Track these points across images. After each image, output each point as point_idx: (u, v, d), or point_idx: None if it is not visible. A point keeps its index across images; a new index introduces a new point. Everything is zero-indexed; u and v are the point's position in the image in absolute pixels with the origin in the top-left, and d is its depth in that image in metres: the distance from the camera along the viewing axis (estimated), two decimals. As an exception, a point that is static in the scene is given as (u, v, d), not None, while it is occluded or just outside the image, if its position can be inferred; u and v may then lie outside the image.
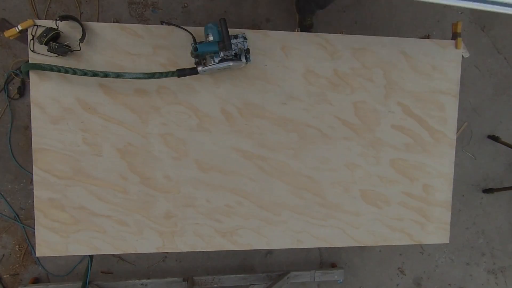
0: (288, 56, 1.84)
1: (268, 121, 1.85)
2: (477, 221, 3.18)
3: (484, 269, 3.23)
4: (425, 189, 2.01)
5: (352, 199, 1.95)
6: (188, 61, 1.73)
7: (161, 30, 1.74)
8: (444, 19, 3.00)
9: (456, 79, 1.98)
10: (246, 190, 1.86)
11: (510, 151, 3.10)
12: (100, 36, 1.70)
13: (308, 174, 1.90)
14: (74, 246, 1.77)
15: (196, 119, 1.80)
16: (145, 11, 2.73)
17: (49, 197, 1.73)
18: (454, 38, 1.97)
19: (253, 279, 2.72)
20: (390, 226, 2.00)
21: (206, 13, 2.78)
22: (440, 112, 1.98)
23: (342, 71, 1.88)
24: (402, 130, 1.96)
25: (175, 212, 1.82)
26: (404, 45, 1.93)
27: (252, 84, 1.82)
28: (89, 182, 1.75)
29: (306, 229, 1.93)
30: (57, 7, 2.63)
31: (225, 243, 1.88)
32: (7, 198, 2.67)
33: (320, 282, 3.04)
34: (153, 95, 1.76)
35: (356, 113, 1.91)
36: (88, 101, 1.71)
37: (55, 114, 1.70)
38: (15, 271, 2.73)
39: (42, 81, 1.67)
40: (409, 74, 1.94)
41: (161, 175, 1.80)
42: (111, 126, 1.74)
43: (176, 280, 2.67)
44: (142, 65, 1.73)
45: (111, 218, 1.78)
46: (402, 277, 3.14)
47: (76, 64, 1.69)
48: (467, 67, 3.03)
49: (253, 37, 1.79)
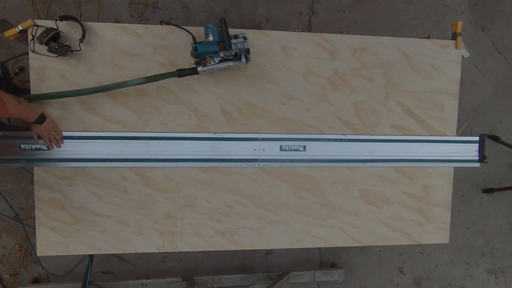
0: (288, 56, 1.84)
1: (268, 121, 1.85)
2: (477, 221, 3.18)
3: (484, 269, 3.23)
4: (425, 189, 2.01)
5: (352, 199, 1.95)
6: (188, 61, 1.73)
7: (161, 30, 1.74)
8: (444, 19, 3.00)
9: (456, 79, 1.98)
10: (246, 190, 1.87)
11: (510, 151, 3.09)
12: (100, 36, 1.71)
13: (308, 174, 1.90)
14: (75, 245, 1.78)
15: (196, 119, 1.80)
16: (145, 11, 2.73)
17: (49, 197, 1.73)
18: (454, 38, 1.97)
19: (253, 279, 2.72)
20: (390, 226, 2.00)
21: (206, 13, 2.78)
22: (440, 112, 1.98)
23: (342, 71, 1.88)
24: (402, 130, 1.96)
25: (175, 212, 1.82)
26: (404, 45, 1.93)
27: (252, 84, 1.82)
28: (89, 182, 1.75)
29: (306, 229, 1.93)
30: (57, 7, 2.63)
31: (225, 243, 1.88)
32: (7, 198, 2.67)
33: (320, 282, 3.04)
34: (153, 95, 1.76)
35: (356, 113, 1.91)
36: (88, 101, 1.72)
37: (55, 114, 1.70)
38: (15, 271, 2.73)
39: (42, 81, 1.67)
40: (409, 74, 1.94)
41: (161, 175, 1.80)
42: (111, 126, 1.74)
43: (176, 280, 2.66)
44: (142, 65, 1.73)
45: (111, 218, 1.78)
46: (402, 277, 3.14)
47: (76, 64, 1.69)
48: (467, 67, 3.03)
49: (253, 37, 1.80)
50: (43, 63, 1.66)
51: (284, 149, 1.86)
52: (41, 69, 1.66)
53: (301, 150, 1.87)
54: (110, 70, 1.71)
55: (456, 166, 2.02)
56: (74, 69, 1.69)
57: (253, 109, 1.83)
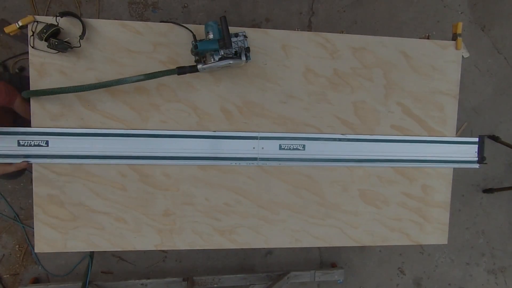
0: (288, 55, 1.84)
1: (267, 120, 1.85)
2: (477, 221, 3.18)
3: (484, 269, 3.23)
4: (424, 189, 2.00)
5: (351, 199, 1.95)
6: (188, 59, 1.74)
7: (161, 27, 1.74)
8: (444, 19, 3.00)
9: (456, 80, 1.98)
10: (245, 188, 1.86)
11: (510, 151, 3.10)
12: (100, 33, 1.71)
13: (307, 173, 1.90)
14: (73, 242, 1.77)
15: (195, 117, 1.80)
16: (145, 11, 2.74)
17: (48, 193, 1.73)
18: (454, 38, 1.97)
19: (253, 279, 2.72)
20: (388, 226, 1.99)
21: (206, 13, 2.79)
22: (440, 112, 1.98)
23: (342, 70, 1.88)
24: (402, 130, 1.95)
25: (173, 210, 1.82)
26: (404, 45, 1.93)
27: (252, 82, 1.82)
28: (88, 179, 1.75)
29: (304, 228, 1.92)
30: (57, 7, 2.64)
31: (224, 241, 1.87)
32: (7, 198, 2.67)
33: (320, 282, 3.03)
34: (153, 93, 1.76)
35: (356, 112, 1.91)
36: (88, 98, 1.72)
37: (54, 111, 1.70)
38: (15, 271, 2.73)
39: (41, 77, 1.67)
40: (409, 74, 1.94)
41: (160, 173, 1.80)
42: (110, 123, 1.74)
43: (176, 280, 2.66)
44: (142, 62, 1.73)
45: (109, 215, 1.78)
46: (402, 277, 3.14)
47: (76, 61, 1.69)
48: (467, 67, 3.03)
49: (253, 35, 1.80)
50: (43, 59, 1.66)
51: (283, 148, 1.86)
52: (41, 66, 1.66)
53: (301, 149, 1.87)
54: (110, 67, 1.71)
55: (455, 167, 2.02)
56: (74, 65, 1.69)
57: (252, 107, 1.83)
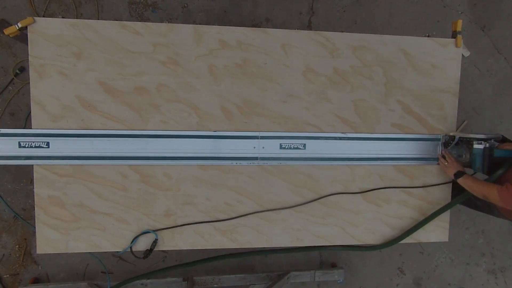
0: (288, 54, 1.84)
1: (268, 119, 1.85)
2: (477, 221, 3.17)
3: (484, 269, 3.22)
4: (424, 187, 2.00)
5: (352, 197, 1.95)
6: (188, 59, 1.74)
7: (161, 28, 1.74)
8: (444, 19, 3.00)
9: (456, 78, 1.98)
10: (245, 188, 1.86)
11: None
12: (100, 34, 1.71)
13: (308, 172, 1.90)
14: (74, 243, 1.77)
15: (196, 117, 1.80)
16: (145, 11, 2.74)
17: (49, 195, 1.73)
18: (454, 36, 1.97)
19: (253, 279, 2.71)
20: (389, 224, 1.99)
21: (206, 13, 2.79)
22: (440, 110, 1.98)
23: (342, 69, 1.89)
24: (402, 128, 1.95)
25: (175, 210, 1.82)
26: (404, 43, 1.93)
27: (252, 82, 1.82)
28: (89, 180, 1.75)
29: (305, 227, 1.92)
30: (56, 7, 2.64)
31: (225, 241, 1.87)
32: (7, 198, 2.67)
33: (320, 282, 3.03)
34: (153, 93, 1.76)
35: (356, 111, 1.91)
36: (88, 99, 1.72)
37: (55, 112, 1.70)
38: (15, 271, 2.72)
39: (42, 79, 1.67)
40: (409, 72, 1.94)
41: (161, 173, 1.80)
42: (111, 123, 1.74)
43: (176, 280, 2.66)
44: (142, 62, 1.74)
45: (111, 215, 1.78)
46: (402, 277, 3.13)
47: (76, 62, 1.69)
48: (467, 67, 3.03)
49: (254, 35, 1.80)
50: (43, 60, 1.66)
51: (284, 147, 1.86)
52: (41, 67, 1.66)
53: (301, 148, 1.87)
54: (109, 68, 1.71)
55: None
56: (74, 66, 1.69)
57: (253, 107, 1.83)
